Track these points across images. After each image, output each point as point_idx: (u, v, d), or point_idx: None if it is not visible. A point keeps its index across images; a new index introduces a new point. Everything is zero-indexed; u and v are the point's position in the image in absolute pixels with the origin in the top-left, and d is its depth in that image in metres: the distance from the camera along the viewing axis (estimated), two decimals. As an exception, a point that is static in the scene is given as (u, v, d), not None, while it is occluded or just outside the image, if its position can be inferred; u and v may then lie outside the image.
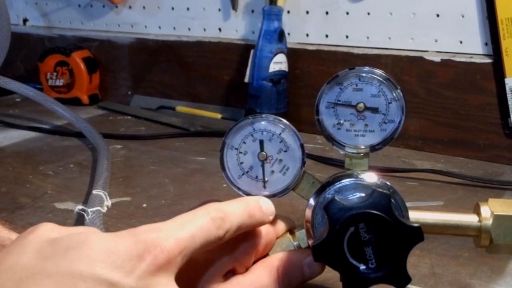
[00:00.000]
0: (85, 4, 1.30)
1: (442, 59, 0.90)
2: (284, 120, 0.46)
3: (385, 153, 0.93)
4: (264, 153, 0.46)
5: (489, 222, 0.39)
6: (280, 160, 0.46)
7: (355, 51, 0.97)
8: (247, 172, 0.46)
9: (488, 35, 0.87)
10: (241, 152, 0.46)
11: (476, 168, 0.86)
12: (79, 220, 0.65)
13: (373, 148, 0.46)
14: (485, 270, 0.56)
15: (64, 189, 0.78)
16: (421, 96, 0.92)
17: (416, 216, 0.42)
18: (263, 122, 0.46)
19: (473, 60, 0.88)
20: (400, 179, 0.80)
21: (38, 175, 0.83)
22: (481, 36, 0.88)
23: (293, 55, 1.01)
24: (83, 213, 0.64)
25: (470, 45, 0.89)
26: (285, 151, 0.46)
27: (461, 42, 0.90)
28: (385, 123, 0.46)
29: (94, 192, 0.70)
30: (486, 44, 0.87)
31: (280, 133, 0.46)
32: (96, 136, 0.93)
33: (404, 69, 0.93)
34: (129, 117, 1.15)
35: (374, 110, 0.46)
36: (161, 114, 1.15)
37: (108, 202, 0.70)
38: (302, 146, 0.46)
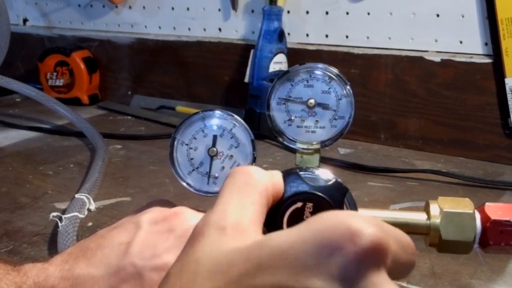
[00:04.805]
0: (85, 4, 1.30)
1: (442, 59, 0.90)
2: (235, 116, 0.46)
3: (385, 153, 0.93)
4: (214, 148, 0.45)
5: (438, 220, 0.39)
6: (231, 156, 0.45)
7: (355, 51, 0.97)
8: (197, 168, 0.46)
9: (488, 35, 0.87)
10: (191, 148, 0.46)
11: (476, 168, 0.86)
12: (56, 226, 0.64)
13: (324, 144, 0.46)
14: (485, 270, 0.56)
15: (64, 189, 0.78)
16: (421, 96, 0.92)
17: (365, 213, 0.42)
18: (214, 118, 0.46)
19: (473, 60, 0.88)
20: (400, 179, 0.80)
21: (38, 175, 0.83)
22: (481, 36, 0.88)
23: (293, 55, 1.01)
24: (57, 220, 0.64)
25: (470, 45, 0.89)
26: (236, 147, 0.45)
27: (461, 42, 0.90)
28: (335, 119, 0.46)
29: (76, 196, 0.70)
30: (486, 44, 0.87)
31: (231, 129, 0.45)
32: (96, 136, 0.93)
33: (404, 69, 0.93)
34: (129, 117, 1.15)
35: (325, 106, 0.46)
36: (161, 114, 1.15)
37: (92, 206, 0.70)
38: (253, 141, 0.45)
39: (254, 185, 0.34)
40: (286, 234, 0.28)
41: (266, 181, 0.34)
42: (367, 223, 0.27)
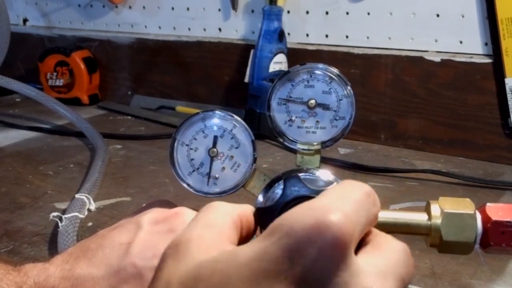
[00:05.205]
0: (85, 4, 1.30)
1: (442, 59, 0.90)
2: (236, 116, 0.46)
3: (385, 153, 0.93)
4: (215, 149, 0.45)
5: (438, 220, 0.39)
6: (231, 157, 0.45)
7: (355, 51, 0.97)
8: (198, 168, 0.46)
9: (488, 35, 0.87)
10: (191, 149, 0.46)
11: (476, 168, 0.86)
12: (56, 226, 0.64)
13: (324, 144, 0.46)
14: (485, 270, 0.56)
15: (64, 189, 0.78)
16: (421, 96, 0.92)
17: None
18: (214, 118, 0.46)
19: (473, 60, 0.88)
20: (400, 179, 0.80)
21: (38, 175, 0.83)
22: (481, 36, 0.88)
23: (293, 55, 1.01)
24: (57, 220, 0.64)
25: (470, 45, 0.89)
26: (237, 148, 0.45)
27: (461, 42, 0.90)
28: (336, 120, 0.46)
29: (76, 196, 0.71)
30: (486, 44, 0.87)
31: (232, 129, 0.45)
32: (96, 136, 0.93)
33: (404, 69, 0.93)
34: (129, 117, 1.15)
35: (325, 107, 0.46)
36: (161, 114, 1.15)
37: (92, 206, 0.71)
38: (253, 142, 0.45)
39: (219, 209, 0.33)
40: (251, 245, 0.28)
41: (233, 212, 0.34)
42: (325, 218, 0.27)
